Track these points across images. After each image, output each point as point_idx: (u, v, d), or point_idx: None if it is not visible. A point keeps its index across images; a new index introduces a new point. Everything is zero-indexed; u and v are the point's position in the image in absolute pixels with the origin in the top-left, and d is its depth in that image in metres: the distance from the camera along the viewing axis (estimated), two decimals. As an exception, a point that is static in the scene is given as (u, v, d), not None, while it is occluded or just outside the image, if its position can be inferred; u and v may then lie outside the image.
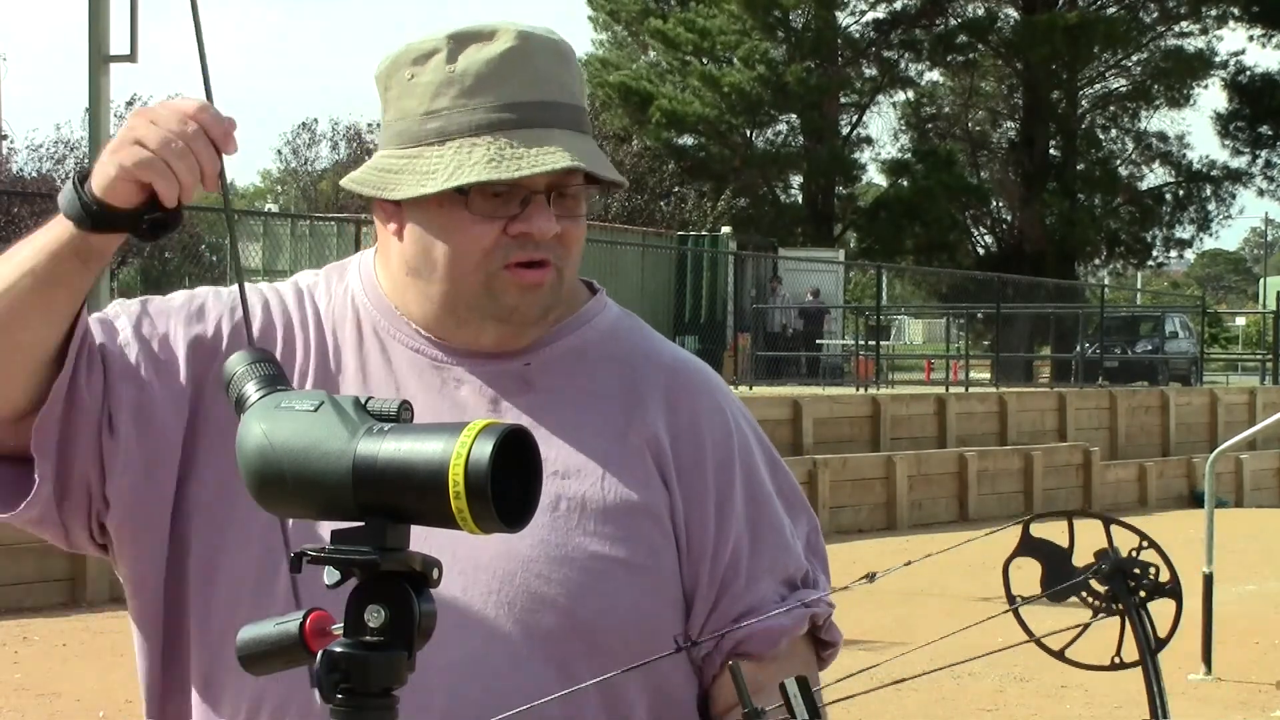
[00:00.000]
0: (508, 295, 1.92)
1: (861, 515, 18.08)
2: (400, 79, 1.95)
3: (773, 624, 1.95)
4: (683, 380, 2.04)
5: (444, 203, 1.90)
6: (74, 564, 11.54)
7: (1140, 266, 53.62)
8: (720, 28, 43.55)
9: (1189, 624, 11.76)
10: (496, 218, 1.90)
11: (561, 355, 2.00)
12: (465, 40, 1.93)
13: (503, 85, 1.91)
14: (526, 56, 1.92)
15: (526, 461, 1.43)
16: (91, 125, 15.05)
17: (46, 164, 31.64)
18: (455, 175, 1.87)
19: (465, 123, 1.90)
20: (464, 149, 1.89)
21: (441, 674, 1.83)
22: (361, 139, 50.58)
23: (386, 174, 1.94)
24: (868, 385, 25.37)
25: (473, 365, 1.97)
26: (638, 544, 1.94)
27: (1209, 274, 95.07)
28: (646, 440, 1.98)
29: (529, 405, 1.96)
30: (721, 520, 1.99)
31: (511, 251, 1.90)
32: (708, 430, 2.01)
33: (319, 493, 1.44)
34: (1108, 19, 44.46)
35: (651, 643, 1.90)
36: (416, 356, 1.98)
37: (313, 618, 1.45)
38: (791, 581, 2.02)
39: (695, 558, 1.97)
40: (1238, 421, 24.58)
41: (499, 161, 1.87)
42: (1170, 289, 72.40)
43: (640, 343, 2.06)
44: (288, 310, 2.03)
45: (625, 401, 1.99)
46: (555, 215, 1.91)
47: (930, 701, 9.09)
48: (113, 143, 1.79)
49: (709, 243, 32.03)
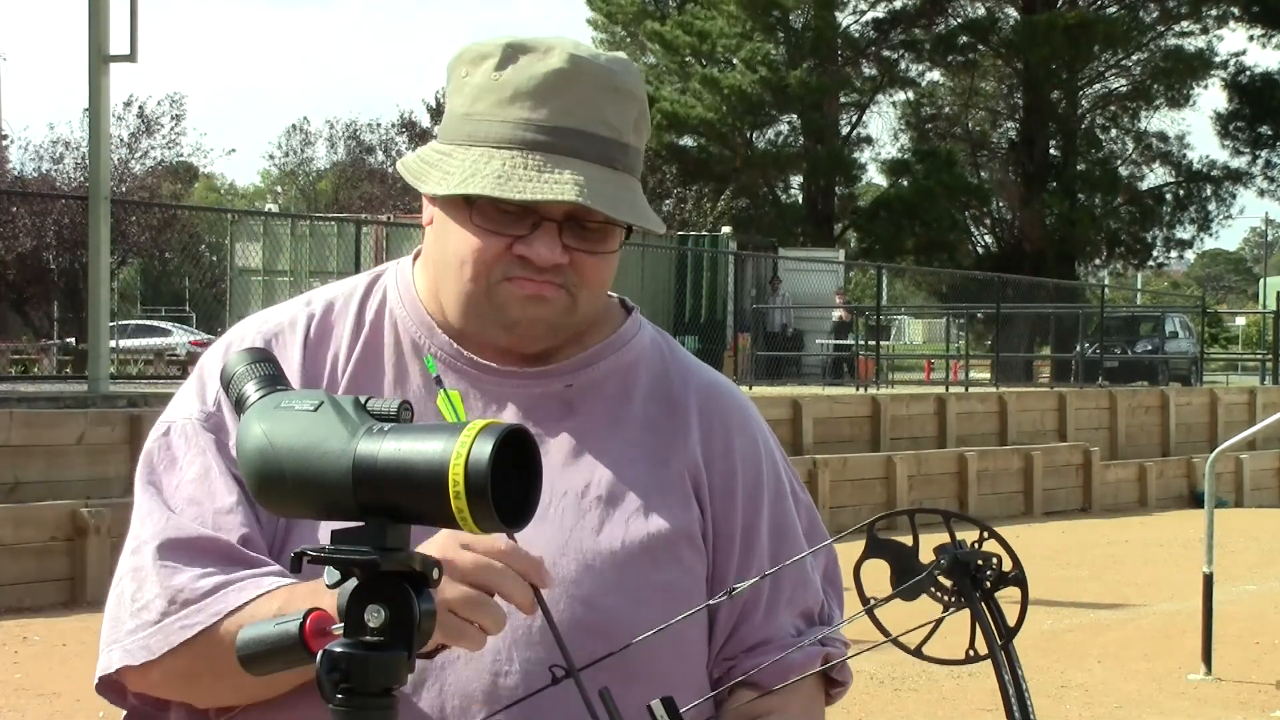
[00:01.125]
0: (510, 307, 1.91)
1: (861, 515, 18.06)
2: (457, 75, 1.95)
3: (785, 661, 1.95)
4: (717, 406, 2.04)
5: (458, 204, 1.90)
6: (74, 564, 11.55)
7: (1140, 266, 53.61)
8: (720, 30, 43.54)
9: (1189, 624, 11.81)
10: (503, 234, 1.89)
11: (604, 378, 2.00)
12: (519, 51, 1.91)
13: (539, 104, 1.88)
14: (571, 81, 1.89)
15: (526, 461, 1.43)
16: (91, 125, 15.06)
17: (45, 164, 31.62)
18: (465, 183, 1.86)
19: (492, 133, 1.89)
20: (483, 158, 1.88)
21: (485, 699, 1.85)
22: (360, 139, 50.59)
23: (425, 165, 1.93)
24: (868, 385, 25.37)
25: (514, 386, 1.97)
26: (679, 571, 1.94)
27: (1209, 274, 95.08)
28: (686, 466, 1.98)
29: (572, 430, 1.96)
30: (746, 549, 2.00)
31: (512, 269, 1.89)
32: (740, 458, 2.02)
33: (319, 493, 1.44)
34: (1108, 19, 44.47)
35: (684, 668, 1.92)
36: (456, 376, 1.97)
37: (313, 618, 1.45)
38: (809, 615, 2.03)
39: (719, 584, 1.97)
40: (1238, 421, 24.58)
41: (506, 180, 1.85)
42: (1170, 289, 72.40)
43: (677, 365, 2.06)
44: (310, 344, 2.00)
45: (665, 427, 1.99)
46: (569, 245, 1.89)
47: (930, 701, 9.09)
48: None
49: (709, 243, 32.03)
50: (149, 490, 1.92)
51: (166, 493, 1.91)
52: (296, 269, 24.48)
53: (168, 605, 1.84)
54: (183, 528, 1.88)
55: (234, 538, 1.87)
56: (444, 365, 1.97)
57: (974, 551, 1.64)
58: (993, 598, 1.64)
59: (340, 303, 2.04)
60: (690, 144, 44.91)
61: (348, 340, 2.00)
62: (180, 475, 1.92)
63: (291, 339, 2.00)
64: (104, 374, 14.45)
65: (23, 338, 28.98)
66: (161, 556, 1.86)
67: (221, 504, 1.88)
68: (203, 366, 2.00)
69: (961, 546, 1.64)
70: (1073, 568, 15.10)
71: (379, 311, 2.02)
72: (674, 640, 1.89)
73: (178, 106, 34.46)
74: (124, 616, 1.88)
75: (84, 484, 12.24)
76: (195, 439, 1.93)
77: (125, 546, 1.93)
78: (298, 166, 54.08)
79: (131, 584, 1.88)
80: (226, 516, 1.88)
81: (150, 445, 1.96)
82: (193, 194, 54.77)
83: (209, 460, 1.90)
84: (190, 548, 1.86)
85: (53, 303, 28.11)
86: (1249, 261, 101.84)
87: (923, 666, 9.65)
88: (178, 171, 40.30)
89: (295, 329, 2.01)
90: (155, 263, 31.73)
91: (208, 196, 63.55)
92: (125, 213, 25.31)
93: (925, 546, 1.67)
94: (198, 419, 1.94)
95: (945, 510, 1.69)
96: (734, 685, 1.96)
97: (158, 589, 1.85)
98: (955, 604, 1.63)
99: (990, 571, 1.64)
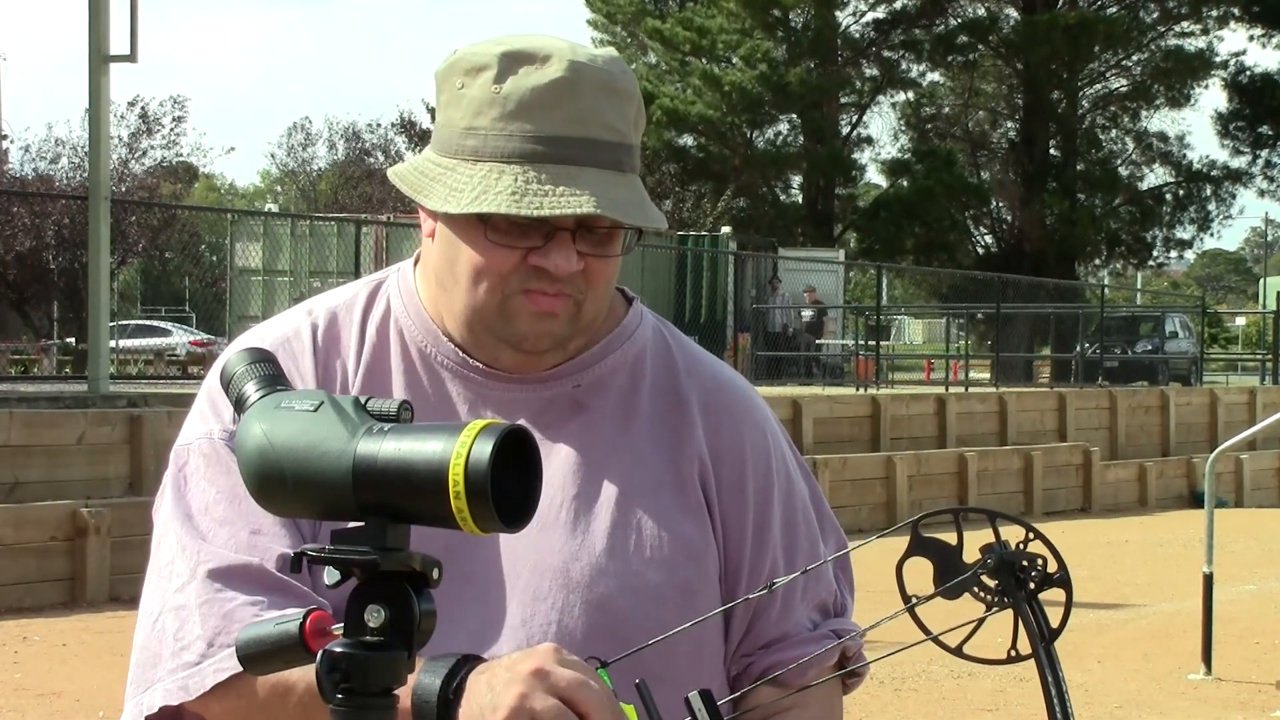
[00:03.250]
0: (520, 321, 1.90)
1: (861, 515, 18.07)
2: (451, 86, 1.92)
3: (802, 654, 1.96)
4: (725, 399, 2.03)
5: (469, 220, 1.88)
6: (74, 564, 11.55)
7: (1140, 266, 53.62)
8: (719, 27, 43.56)
9: (1189, 624, 11.79)
10: (517, 247, 1.87)
11: (611, 373, 1.99)
12: (517, 61, 1.89)
13: (543, 116, 1.87)
14: (573, 89, 1.87)
15: (526, 461, 1.43)
16: (91, 125, 15.06)
17: (42, 164, 31.62)
18: (478, 201, 1.84)
19: (499, 148, 1.87)
20: (493, 174, 1.86)
21: None
22: (360, 138, 50.61)
23: (424, 178, 1.91)
24: (868, 385, 25.37)
25: (523, 391, 1.96)
26: (692, 568, 1.94)
27: (1209, 274, 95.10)
28: (695, 460, 1.98)
29: (582, 427, 1.95)
30: (759, 543, 1.99)
31: (529, 280, 1.88)
32: (749, 451, 2.01)
33: (319, 493, 1.44)
34: (1108, 19, 44.48)
35: (701, 667, 1.92)
36: (465, 386, 1.96)
37: (313, 618, 1.45)
38: (824, 607, 2.03)
39: (731, 580, 1.97)
40: (1238, 421, 24.58)
41: (521, 196, 1.84)
42: (1170, 289, 72.41)
43: (683, 356, 2.05)
44: (320, 352, 1.98)
45: (674, 421, 1.99)
46: (581, 251, 1.88)
47: (930, 701, 9.09)
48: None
49: (709, 243, 32.03)
50: (179, 518, 1.89)
51: (197, 518, 1.88)
52: (296, 269, 24.50)
53: (207, 648, 1.82)
54: (220, 557, 1.85)
55: (271, 561, 1.84)
56: (450, 374, 1.96)
57: (1020, 552, 1.64)
58: (1036, 598, 1.64)
59: (342, 312, 2.02)
60: (690, 143, 44.92)
61: (354, 349, 1.98)
62: (207, 497, 1.89)
63: (300, 347, 1.98)
64: (104, 374, 14.45)
65: (23, 338, 28.98)
66: (201, 594, 1.84)
67: (255, 525, 1.86)
68: (210, 387, 1.96)
69: (1006, 547, 1.64)
70: (1073, 568, 14.91)
71: (384, 320, 2.00)
72: (691, 640, 1.88)
73: (180, 108, 34.46)
74: (165, 655, 1.85)
75: (84, 484, 12.24)
76: (219, 458, 1.90)
77: (158, 573, 1.89)
78: (298, 166, 54.09)
79: (174, 622, 1.84)
80: (261, 538, 1.86)
81: (173, 472, 1.93)
82: (193, 194, 54.76)
83: (235, 480, 1.84)
84: (229, 576, 1.84)
85: (53, 303, 28.10)
86: (1249, 261, 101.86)
87: (923, 666, 9.65)
88: (177, 171, 40.25)
89: (302, 337, 1.99)
90: (155, 263, 31.73)
91: (208, 196, 63.58)
92: (125, 213, 25.30)
93: (969, 546, 1.67)
94: (219, 437, 1.91)
95: (990, 510, 1.68)
96: (753, 683, 1.95)
97: (199, 630, 1.82)
98: (999, 604, 1.63)
99: (1035, 572, 1.64)
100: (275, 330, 2.01)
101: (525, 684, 1.61)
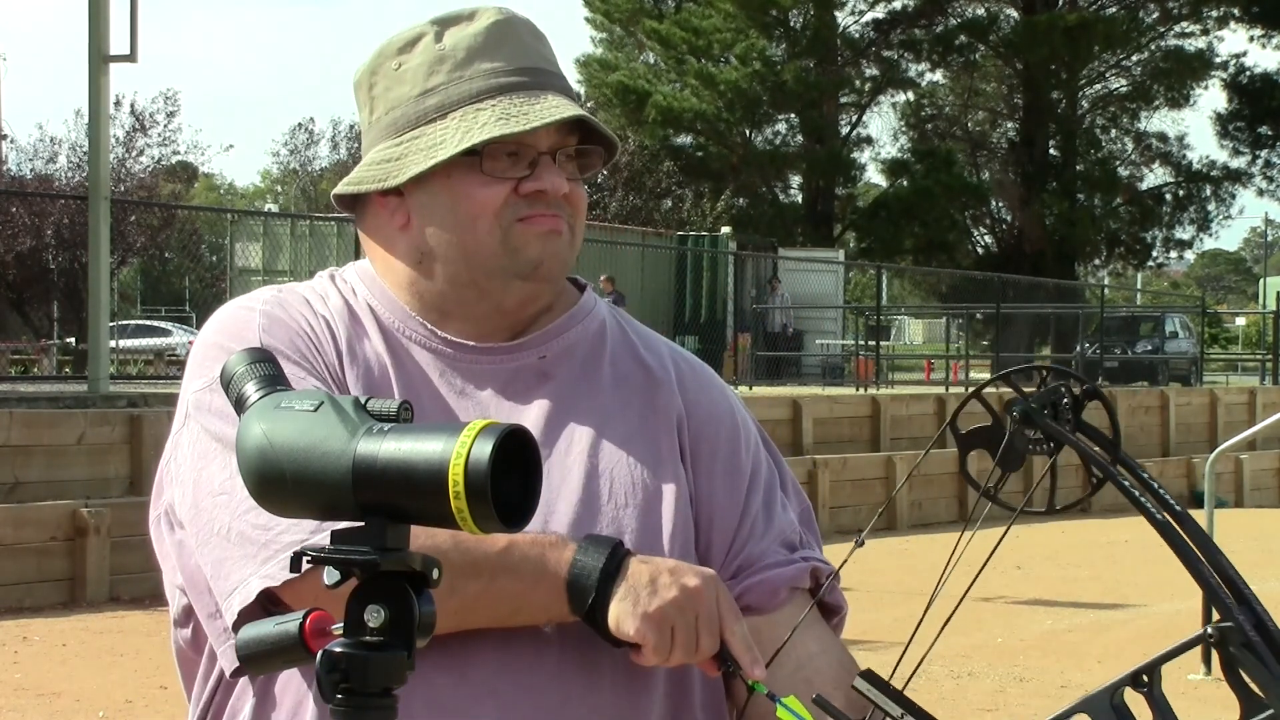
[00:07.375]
0: (529, 248, 1.95)
1: (861, 515, 18.06)
2: (386, 70, 2.00)
3: (773, 576, 1.99)
4: (684, 366, 2.09)
5: (453, 172, 1.93)
6: (74, 564, 11.55)
7: (1140, 267, 53.64)
8: (715, 26, 43.57)
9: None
10: (507, 178, 1.93)
11: (574, 344, 2.04)
12: (448, 23, 1.99)
13: (495, 55, 1.96)
14: (511, 29, 1.99)
15: (526, 461, 1.44)
16: (91, 125, 15.06)
17: (38, 163, 31.57)
18: (466, 138, 1.91)
19: (464, 92, 1.95)
20: (468, 115, 1.93)
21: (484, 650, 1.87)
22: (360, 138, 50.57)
23: (386, 165, 1.96)
24: (868, 385, 25.37)
25: (491, 363, 2.00)
26: (671, 519, 1.97)
27: (1209, 274, 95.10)
28: (666, 417, 2.02)
29: (552, 393, 2.00)
30: (731, 493, 2.02)
31: (522, 209, 1.94)
32: (715, 408, 2.07)
33: (319, 493, 1.44)
34: (1107, 19, 44.50)
35: None
36: (435, 358, 1.99)
37: (313, 618, 1.45)
38: (790, 544, 2.05)
39: (705, 529, 2.01)
40: (1238, 421, 24.58)
41: (507, 119, 1.91)
42: (1170, 289, 72.42)
43: (637, 336, 2.11)
44: (310, 325, 1.99)
45: (639, 381, 2.04)
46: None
47: (930, 701, 9.05)
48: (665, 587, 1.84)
49: (709, 243, 32.03)
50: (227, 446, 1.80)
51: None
52: (296, 269, 24.49)
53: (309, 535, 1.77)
54: None
55: None
56: (419, 346, 1.99)
57: (1041, 393, 1.63)
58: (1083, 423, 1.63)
59: (310, 294, 2.03)
60: (688, 142, 44.92)
61: (337, 317, 1.99)
62: None
63: (294, 299, 2.00)
64: (104, 374, 14.45)
65: (23, 338, 28.96)
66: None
67: None
68: (204, 342, 1.97)
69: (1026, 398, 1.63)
70: (1073, 568, 15.10)
71: (354, 300, 2.02)
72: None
73: (171, 104, 34.32)
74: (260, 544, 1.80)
75: (84, 484, 12.24)
76: None
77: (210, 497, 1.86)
78: (300, 166, 54.05)
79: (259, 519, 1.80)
80: None
81: (194, 413, 1.91)
82: (193, 194, 54.75)
83: None
84: None
85: (53, 303, 28.07)
86: (1249, 261, 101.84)
87: (922, 666, 9.63)
88: (177, 171, 40.23)
89: (286, 306, 1.99)
90: (155, 263, 31.71)
91: (207, 196, 63.56)
92: (125, 212, 25.28)
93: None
94: None
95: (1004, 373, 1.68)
96: None
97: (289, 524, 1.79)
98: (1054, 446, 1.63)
99: (1066, 402, 1.63)
100: (254, 297, 2.01)
101: (703, 579, 1.83)
